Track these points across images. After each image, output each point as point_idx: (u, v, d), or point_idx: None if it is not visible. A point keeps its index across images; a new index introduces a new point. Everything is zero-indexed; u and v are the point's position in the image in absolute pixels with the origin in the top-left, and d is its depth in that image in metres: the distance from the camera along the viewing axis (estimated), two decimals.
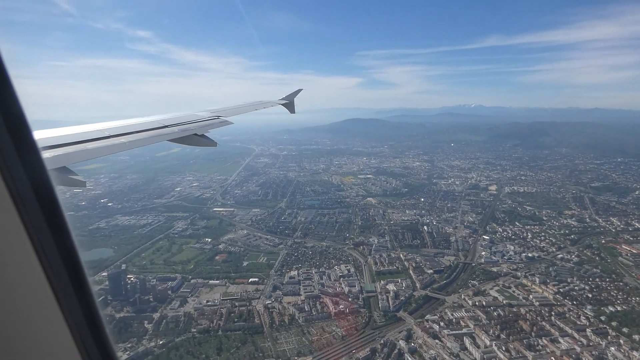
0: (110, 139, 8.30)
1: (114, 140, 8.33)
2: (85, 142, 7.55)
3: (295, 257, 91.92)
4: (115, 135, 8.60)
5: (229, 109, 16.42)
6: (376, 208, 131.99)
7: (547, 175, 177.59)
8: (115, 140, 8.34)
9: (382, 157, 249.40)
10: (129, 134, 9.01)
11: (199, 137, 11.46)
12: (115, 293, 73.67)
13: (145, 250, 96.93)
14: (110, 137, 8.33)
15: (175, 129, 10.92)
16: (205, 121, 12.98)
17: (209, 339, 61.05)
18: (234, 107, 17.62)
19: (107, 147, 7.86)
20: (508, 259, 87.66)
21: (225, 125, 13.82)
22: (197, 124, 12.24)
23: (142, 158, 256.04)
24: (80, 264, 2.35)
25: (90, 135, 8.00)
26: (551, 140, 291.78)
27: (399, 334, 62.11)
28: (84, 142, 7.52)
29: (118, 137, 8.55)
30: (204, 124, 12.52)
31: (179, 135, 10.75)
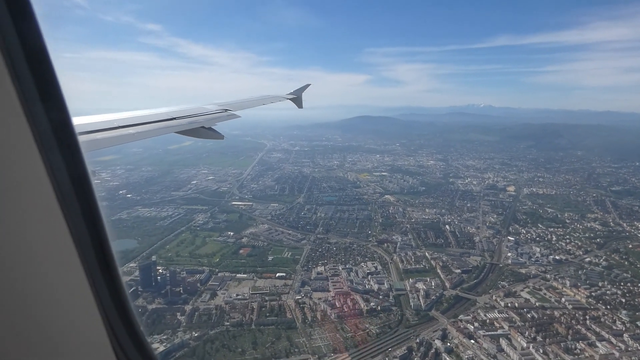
0: (119, 129, 8.34)
1: (123, 130, 8.39)
2: (94, 132, 7.60)
3: (320, 253, 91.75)
4: (124, 126, 8.63)
5: (236, 103, 16.34)
6: (395, 206, 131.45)
7: (565, 177, 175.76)
8: (124, 131, 8.39)
9: (395, 155, 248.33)
10: (137, 125, 9.08)
11: (207, 129, 11.54)
12: (145, 284, 73.91)
13: (169, 243, 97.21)
14: (119, 128, 8.37)
15: (183, 121, 10.98)
16: (213, 114, 13.03)
17: (242, 333, 61.11)
18: (241, 100, 17.52)
19: (116, 137, 7.91)
20: (535, 260, 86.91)
21: (232, 118, 13.93)
22: (204, 116, 12.29)
23: (155, 151, 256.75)
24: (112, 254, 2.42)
25: (100, 125, 8.06)
26: (566, 142, 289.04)
27: (433, 333, 61.84)
28: (93, 132, 7.57)
29: (127, 128, 8.60)
30: (211, 117, 12.56)
31: (186, 127, 10.82)
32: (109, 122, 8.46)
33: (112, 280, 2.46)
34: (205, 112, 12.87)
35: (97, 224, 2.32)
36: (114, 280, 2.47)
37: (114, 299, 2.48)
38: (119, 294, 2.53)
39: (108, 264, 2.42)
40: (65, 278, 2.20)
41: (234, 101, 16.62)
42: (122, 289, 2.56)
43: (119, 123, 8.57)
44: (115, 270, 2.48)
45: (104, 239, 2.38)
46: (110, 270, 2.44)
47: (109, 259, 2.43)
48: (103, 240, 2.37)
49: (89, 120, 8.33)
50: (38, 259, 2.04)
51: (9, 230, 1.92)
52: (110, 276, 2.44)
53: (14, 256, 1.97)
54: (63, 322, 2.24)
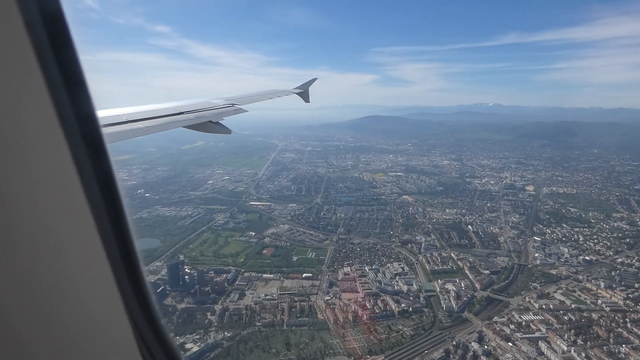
0: (128, 124, 8.36)
1: (132, 125, 8.39)
2: (104, 127, 7.11)
3: (344, 254, 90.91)
4: (133, 120, 8.63)
5: (243, 97, 16.14)
6: (414, 206, 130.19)
7: (584, 176, 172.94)
8: (133, 126, 8.39)
9: (408, 155, 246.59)
10: (145, 119, 9.07)
11: (214, 124, 11.61)
12: (173, 283, 73.63)
13: (191, 242, 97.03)
14: (127, 122, 8.39)
15: (190, 115, 10.99)
16: (220, 109, 13.02)
17: (275, 334, 60.49)
18: (248, 95, 17.29)
19: (125, 132, 7.94)
20: (565, 261, 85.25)
21: (240, 113, 13.87)
22: (212, 111, 12.31)
23: (169, 150, 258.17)
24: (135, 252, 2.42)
25: (108, 120, 8.08)
26: (580, 141, 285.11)
27: (468, 335, 60.69)
28: (103, 127, 7.02)
29: (135, 123, 8.59)
30: (218, 112, 12.58)
31: (194, 122, 10.83)
32: (117, 116, 8.50)
33: (136, 278, 2.43)
34: (212, 106, 12.87)
35: (121, 221, 2.31)
36: (137, 278, 2.43)
37: (138, 297, 2.46)
38: (143, 292, 2.49)
39: (132, 261, 2.39)
40: (92, 275, 2.21)
41: (241, 95, 16.60)
42: (146, 286, 2.51)
43: (127, 117, 8.62)
44: (139, 268, 2.44)
45: (128, 236, 2.35)
46: (134, 267, 2.40)
47: (133, 257, 2.39)
48: (127, 238, 2.35)
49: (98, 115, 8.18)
50: (66, 256, 2.08)
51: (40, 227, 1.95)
52: (134, 273, 2.40)
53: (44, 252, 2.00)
54: (91, 321, 2.25)
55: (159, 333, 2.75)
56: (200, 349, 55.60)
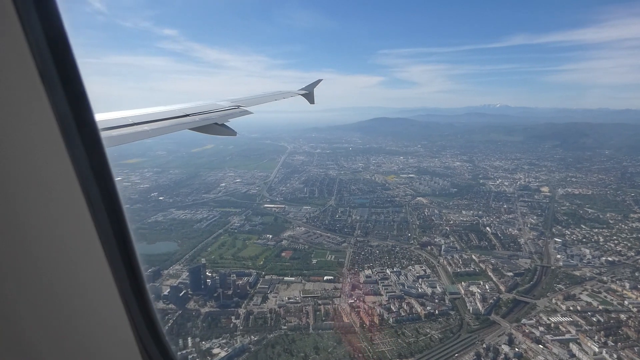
0: (134, 126, 8.37)
1: (137, 127, 8.40)
2: (109, 129, 7.61)
3: (364, 256, 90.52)
4: (139, 123, 8.65)
5: (248, 99, 16.19)
6: (430, 208, 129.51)
7: (599, 177, 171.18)
8: (139, 128, 8.40)
9: (418, 156, 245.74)
10: (151, 122, 9.08)
11: (219, 126, 11.60)
12: (195, 287, 73.62)
13: (209, 245, 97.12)
14: (133, 125, 8.40)
15: (196, 117, 11.02)
16: (226, 110, 13.03)
17: (302, 337, 60.15)
18: (253, 97, 17.27)
19: (131, 134, 7.95)
20: (588, 262, 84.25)
21: (245, 114, 13.88)
22: (217, 113, 12.32)
23: (179, 154, 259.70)
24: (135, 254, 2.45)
25: (114, 122, 8.08)
26: (592, 142, 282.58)
27: (498, 338, 60.05)
28: (108, 129, 7.57)
29: (141, 125, 8.61)
30: (224, 114, 12.58)
31: (200, 124, 10.83)
32: (123, 119, 8.50)
33: (136, 280, 2.46)
34: (217, 108, 12.85)
35: (121, 223, 2.35)
36: (137, 280, 2.46)
37: (138, 298, 2.48)
38: (142, 294, 2.52)
39: (132, 263, 2.42)
40: (92, 277, 2.23)
41: (246, 97, 16.60)
42: (145, 288, 2.54)
43: (133, 120, 8.62)
44: (139, 270, 2.47)
45: (127, 238, 2.39)
46: (134, 269, 2.44)
47: (133, 258, 2.42)
48: (127, 239, 2.38)
49: (103, 117, 8.38)
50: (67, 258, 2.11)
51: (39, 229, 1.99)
52: (133, 276, 2.43)
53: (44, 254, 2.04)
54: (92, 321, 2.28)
55: (157, 333, 2.77)
56: (227, 354, 55.42)
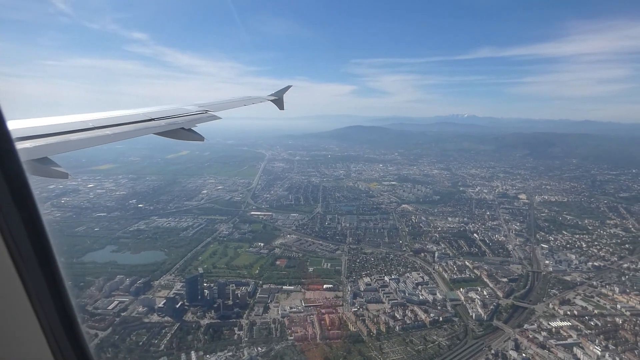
0: (94, 130, 8.02)
1: (98, 132, 8.06)
2: (68, 133, 7.29)
3: (359, 264, 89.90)
4: (100, 127, 8.29)
5: (217, 104, 15.85)
6: (416, 215, 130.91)
7: (571, 185, 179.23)
8: (100, 132, 8.07)
9: (397, 164, 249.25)
10: (113, 126, 8.76)
11: (186, 131, 11.28)
12: (191, 298, 70.57)
13: (199, 254, 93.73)
14: (94, 129, 8.05)
15: (162, 122, 10.69)
16: (193, 115, 12.70)
17: (310, 347, 58.58)
18: (222, 101, 16.97)
19: (91, 138, 7.62)
20: (575, 268, 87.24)
21: (213, 119, 13.53)
22: (184, 117, 11.99)
23: (153, 160, 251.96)
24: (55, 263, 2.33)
25: (74, 126, 7.75)
26: (559, 151, 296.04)
27: (504, 343, 60.68)
28: (66, 133, 7.27)
29: (102, 129, 8.27)
30: (191, 118, 12.24)
31: (166, 129, 10.53)
32: (83, 122, 8.10)
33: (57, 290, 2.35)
34: (184, 112, 12.52)
35: (38, 231, 2.21)
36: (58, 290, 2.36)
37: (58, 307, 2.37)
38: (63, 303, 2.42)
39: (55, 279, 2.31)
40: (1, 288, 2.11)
41: (214, 102, 16.22)
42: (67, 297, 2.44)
43: (94, 124, 8.23)
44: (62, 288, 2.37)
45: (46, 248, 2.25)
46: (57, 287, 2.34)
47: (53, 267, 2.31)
48: (46, 249, 2.25)
49: (62, 121, 7.96)
50: None
51: None
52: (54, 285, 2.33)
53: None
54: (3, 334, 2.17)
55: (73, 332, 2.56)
56: None
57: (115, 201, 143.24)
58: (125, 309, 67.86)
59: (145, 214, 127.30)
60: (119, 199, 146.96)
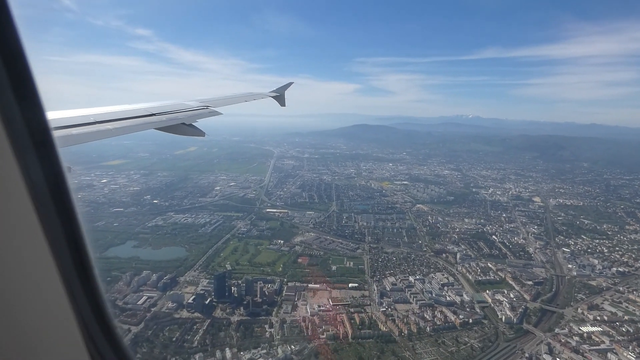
0: (96, 125, 8.10)
1: (100, 126, 8.14)
2: (69, 127, 7.34)
3: (382, 263, 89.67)
4: (101, 121, 8.37)
5: (218, 100, 15.97)
6: (432, 215, 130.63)
7: (584, 189, 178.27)
8: (101, 127, 8.14)
9: (406, 164, 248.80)
10: (115, 120, 8.84)
11: (187, 126, 11.46)
12: (219, 295, 70.43)
13: (220, 250, 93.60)
14: (95, 123, 8.13)
15: (163, 117, 10.81)
16: (194, 110, 12.84)
17: (343, 346, 58.39)
18: (223, 97, 17.05)
19: (93, 133, 7.70)
20: (599, 273, 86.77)
21: (214, 115, 13.70)
22: (185, 113, 12.13)
23: (162, 156, 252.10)
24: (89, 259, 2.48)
25: (75, 120, 7.81)
26: (569, 154, 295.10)
27: (536, 347, 60.43)
28: (68, 127, 7.31)
29: (104, 124, 8.34)
30: (192, 114, 12.40)
31: (167, 124, 10.66)
32: (85, 117, 8.18)
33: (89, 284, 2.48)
34: (185, 108, 12.61)
35: (73, 227, 2.33)
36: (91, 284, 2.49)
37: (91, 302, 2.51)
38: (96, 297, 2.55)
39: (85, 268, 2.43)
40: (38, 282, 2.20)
41: (215, 98, 16.26)
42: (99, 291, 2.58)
43: (96, 118, 8.31)
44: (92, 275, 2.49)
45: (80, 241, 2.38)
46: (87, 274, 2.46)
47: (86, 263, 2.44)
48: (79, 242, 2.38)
49: (64, 115, 7.99)
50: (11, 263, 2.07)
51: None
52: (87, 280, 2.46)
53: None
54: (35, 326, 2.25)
55: (112, 338, 2.71)
56: None
57: (130, 197, 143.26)
58: (155, 304, 67.82)
59: (161, 210, 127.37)
60: (134, 194, 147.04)
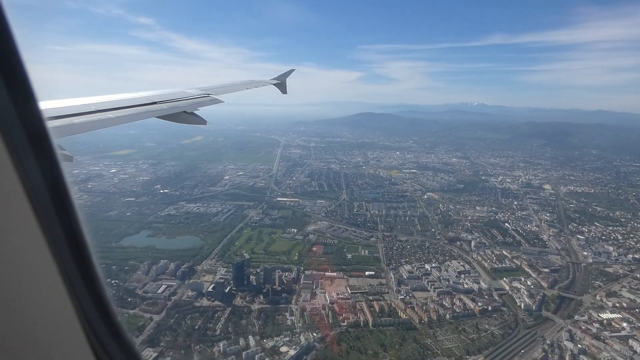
0: (97, 113, 8.06)
1: (101, 115, 8.11)
2: (71, 117, 7.31)
3: (397, 252, 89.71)
4: (102, 110, 8.34)
5: (219, 87, 15.80)
6: (443, 203, 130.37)
7: (595, 176, 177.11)
8: (102, 116, 8.12)
9: (413, 152, 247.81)
10: (116, 109, 8.79)
11: (188, 114, 11.41)
12: (238, 283, 70.78)
13: (235, 240, 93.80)
14: (96, 112, 8.08)
15: (164, 105, 10.78)
16: (195, 99, 12.77)
17: (364, 334, 58.74)
18: (224, 85, 16.85)
19: (94, 122, 7.66)
20: (615, 260, 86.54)
21: (215, 103, 13.62)
22: (186, 101, 12.07)
23: (169, 145, 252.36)
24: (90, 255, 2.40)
25: (76, 109, 7.76)
26: (577, 141, 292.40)
27: (557, 333, 60.58)
28: (69, 116, 7.29)
29: (105, 112, 8.31)
30: (193, 102, 12.32)
31: (168, 112, 10.62)
32: (86, 105, 8.12)
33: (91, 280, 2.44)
34: (186, 96, 12.56)
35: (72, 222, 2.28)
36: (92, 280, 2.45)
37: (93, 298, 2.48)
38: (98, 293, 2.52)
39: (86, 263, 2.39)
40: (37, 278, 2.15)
41: (216, 86, 16.10)
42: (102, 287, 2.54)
43: (97, 107, 8.27)
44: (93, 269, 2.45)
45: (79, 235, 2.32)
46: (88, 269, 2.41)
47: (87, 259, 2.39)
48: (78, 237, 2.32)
49: (64, 104, 7.93)
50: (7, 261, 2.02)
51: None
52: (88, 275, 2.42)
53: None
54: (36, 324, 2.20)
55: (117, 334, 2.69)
56: (296, 352, 53.32)
57: (140, 186, 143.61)
58: (175, 292, 68.29)
59: (172, 199, 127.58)
60: (144, 184, 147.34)
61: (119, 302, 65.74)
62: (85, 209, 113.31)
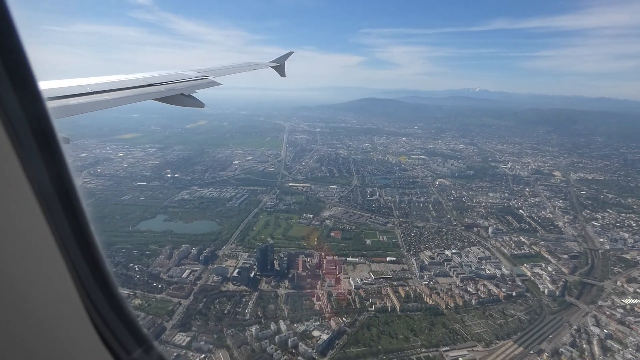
0: (93, 95, 7.94)
1: (97, 96, 8.00)
2: (67, 98, 7.19)
3: (415, 237, 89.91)
4: (98, 91, 8.22)
5: (217, 69, 15.56)
6: (455, 189, 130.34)
7: (603, 163, 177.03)
8: (98, 97, 8.01)
9: (419, 138, 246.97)
10: (112, 90, 8.68)
11: (186, 97, 11.26)
12: (262, 268, 71.01)
13: (252, 225, 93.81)
14: (92, 94, 7.95)
15: (161, 87, 10.62)
16: (193, 81, 12.57)
17: (392, 319, 59.19)
18: (222, 67, 16.60)
19: (90, 103, 7.57)
20: (632, 246, 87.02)
21: (213, 85, 13.42)
22: (184, 83, 11.86)
23: (174, 129, 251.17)
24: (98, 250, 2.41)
25: (72, 90, 7.61)
26: (582, 128, 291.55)
27: (582, 319, 61.21)
28: (65, 98, 7.16)
29: (101, 94, 8.20)
30: (191, 84, 12.13)
31: (165, 94, 10.50)
32: (81, 87, 7.96)
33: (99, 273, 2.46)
34: (184, 78, 12.38)
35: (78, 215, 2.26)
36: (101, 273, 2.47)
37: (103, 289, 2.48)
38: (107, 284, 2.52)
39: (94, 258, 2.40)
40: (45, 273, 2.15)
41: (213, 68, 15.87)
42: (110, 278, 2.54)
43: (93, 88, 8.14)
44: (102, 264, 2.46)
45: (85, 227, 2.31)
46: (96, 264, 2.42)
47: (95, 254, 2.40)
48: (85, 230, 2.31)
49: (60, 85, 7.75)
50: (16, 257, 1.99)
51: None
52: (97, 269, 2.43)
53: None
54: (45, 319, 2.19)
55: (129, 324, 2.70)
56: (329, 336, 53.72)
57: (150, 170, 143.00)
58: (200, 277, 68.53)
59: (184, 184, 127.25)
60: (154, 168, 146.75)
61: (145, 286, 66.06)
62: (97, 193, 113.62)
